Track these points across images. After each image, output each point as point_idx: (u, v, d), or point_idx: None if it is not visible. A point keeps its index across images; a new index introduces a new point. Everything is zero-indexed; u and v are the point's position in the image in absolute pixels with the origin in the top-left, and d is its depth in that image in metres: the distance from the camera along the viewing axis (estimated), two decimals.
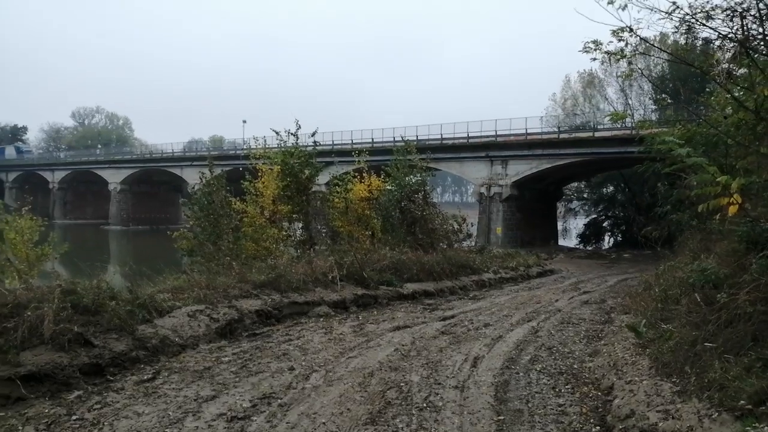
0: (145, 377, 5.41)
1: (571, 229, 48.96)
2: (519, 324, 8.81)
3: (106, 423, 4.32)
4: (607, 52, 6.62)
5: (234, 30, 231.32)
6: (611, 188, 43.70)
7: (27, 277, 8.50)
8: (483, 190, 36.70)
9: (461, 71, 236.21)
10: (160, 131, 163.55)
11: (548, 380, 5.74)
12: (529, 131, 36.44)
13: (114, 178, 69.10)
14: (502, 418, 4.65)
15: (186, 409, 4.64)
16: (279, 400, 4.90)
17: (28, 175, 79.55)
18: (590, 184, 45.77)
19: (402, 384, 5.47)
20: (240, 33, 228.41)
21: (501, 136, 37.45)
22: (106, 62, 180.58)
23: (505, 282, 15.50)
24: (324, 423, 4.43)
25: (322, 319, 8.49)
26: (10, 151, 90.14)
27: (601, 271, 21.99)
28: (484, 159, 37.04)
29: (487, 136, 38.19)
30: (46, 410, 4.52)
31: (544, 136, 36.14)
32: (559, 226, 46.61)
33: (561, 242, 42.66)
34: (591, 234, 43.13)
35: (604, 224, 44.19)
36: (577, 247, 40.72)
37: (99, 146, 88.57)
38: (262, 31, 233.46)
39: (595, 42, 6.56)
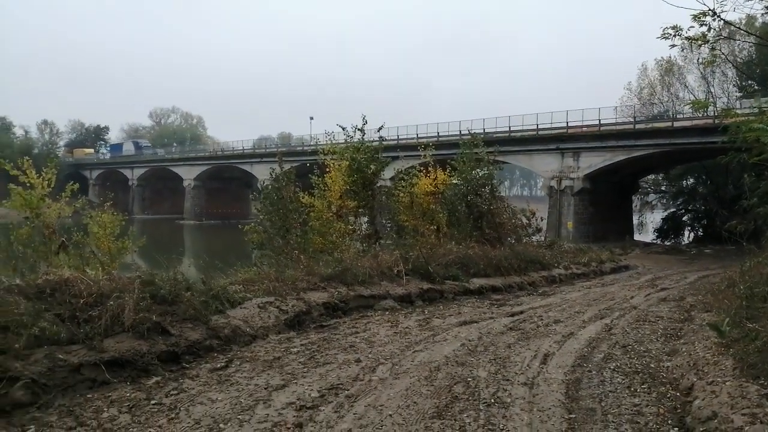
0: (218, 365, 5.57)
1: (648, 223, 47.08)
2: (591, 321, 8.50)
3: (182, 408, 4.48)
4: (688, 38, 6.27)
5: (302, 30, 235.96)
6: (691, 180, 41.64)
7: (109, 269, 8.95)
8: (553, 183, 35.77)
9: (530, 65, 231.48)
10: (231, 129, 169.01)
11: (623, 379, 5.50)
12: (602, 122, 35.17)
13: (188, 174, 72.12)
14: (573, 416, 4.49)
15: (257, 397, 4.74)
16: (346, 391, 4.94)
17: (110, 172, 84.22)
18: (668, 177, 43.77)
19: (469, 379, 5.38)
20: (308, 32, 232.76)
21: (572, 127, 36.33)
22: (181, 64, 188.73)
23: (577, 278, 15.05)
24: (390, 415, 4.42)
25: (387, 313, 8.50)
26: (128, 146, 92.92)
27: (680, 267, 21.00)
28: (555, 151, 36.07)
29: (558, 128, 37.17)
30: (128, 394, 4.73)
31: (619, 127, 34.81)
32: (635, 220, 44.85)
33: (637, 237, 41.02)
34: (669, 228, 41.23)
35: (683, 218, 42.16)
36: (654, 242, 39.04)
37: (174, 144, 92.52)
38: (330, 30, 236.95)
39: (674, 27, 6.23)
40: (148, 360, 5.26)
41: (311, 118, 73.03)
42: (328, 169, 14.13)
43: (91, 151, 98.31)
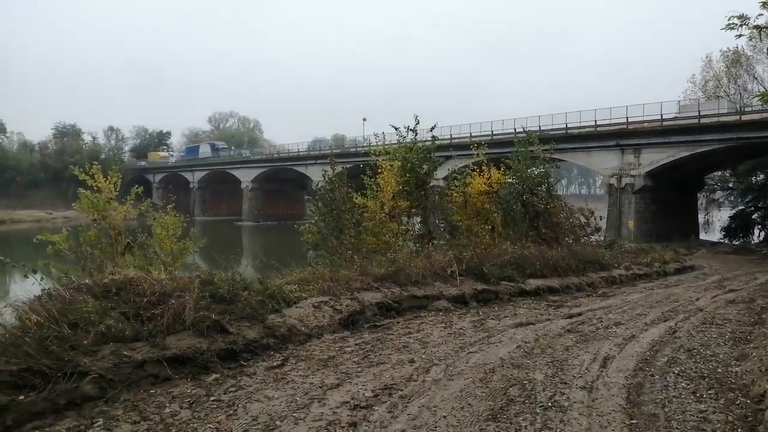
0: (275, 364, 5.68)
1: (714, 222, 45.02)
2: (654, 323, 8.19)
3: (240, 405, 4.59)
4: (757, 27, 5.91)
5: (354, 32, 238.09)
6: (762, 176, 39.38)
7: (171, 269, 9.25)
8: (613, 181, 34.64)
9: (588, 61, 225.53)
10: (286, 132, 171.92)
11: (687, 384, 5.26)
12: (664, 117, 33.78)
13: (245, 177, 73.90)
14: (634, 422, 4.33)
15: (312, 396, 4.80)
16: (400, 392, 4.93)
17: (172, 175, 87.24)
18: (736, 173, 41.61)
19: (525, 381, 5.28)
20: (360, 35, 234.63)
21: (632, 123, 35.05)
22: (238, 69, 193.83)
23: (638, 279, 14.54)
24: (444, 417, 4.39)
25: (441, 313, 8.44)
26: (204, 149, 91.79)
27: (750, 268, 19.94)
28: (614, 148, 34.92)
29: (617, 124, 35.96)
30: (188, 390, 4.88)
31: (682, 122, 33.33)
32: (700, 218, 42.91)
33: (702, 236, 39.20)
34: (737, 227, 39.14)
35: (753, 216, 39.93)
36: (722, 241, 37.21)
37: (232, 148, 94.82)
38: (382, 32, 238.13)
39: (740, 17, 5.88)
40: (207, 357, 5.41)
41: (364, 120, 73.14)
42: (380, 170, 14.16)
43: (165, 154, 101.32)
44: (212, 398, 4.72)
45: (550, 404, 4.68)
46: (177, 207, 12.35)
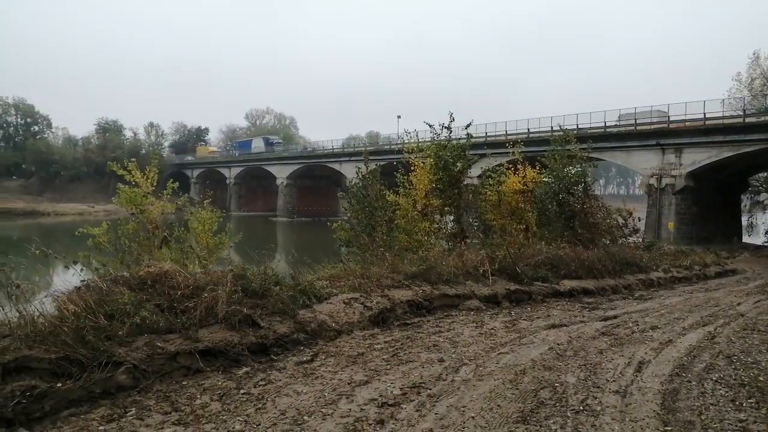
0: (304, 359, 5.71)
1: (759, 224, 43.54)
2: (692, 328, 7.95)
3: (269, 399, 4.62)
4: None
5: (390, 29, 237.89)
6: None
7: (206, 263, 9.40)
8: (652, 181, 33.82)
9: (626, 59, 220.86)
10: (321, 129, 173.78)
11: (726, 392, 5.09)
12: (707, 116, 32.81)
13: (281, 173, 74.73)
14: (669, 428, 4.20)
15: (340, 392, 4.81)
16: (428, 390, 4.90)
17: (209, 171, 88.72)
18: None
19: (556, 384, 5.18)
20: (395, 33, 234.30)
21: (674, 122, 34.16)
22: (274, 67, 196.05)
23: (677, 282, 14.16)
24: (473, 417, 4.34)
25: (472, 313, 8.35)
26: (257, 143, 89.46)
27: None
28: (654, 147, 34.08)
29: (658, 123, 35.09)
30: (219, 383, 4.94)
31: (726, 121, 32.32)
32: (744, 221, 41.56)
33: (746, 239, 38.02)
34: None
35: None
36: (766, 244, 35.97)
37: (217, 149, 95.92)
38: (419, 29, 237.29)
39: None
40: (238, 351, 5.48)
41: (399, 117, 73.78)
42: (413, 168, 14.10)
43: (215, 149, 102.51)
44: (242, 391, 4.77)
45: (581, 408, 4.59)
46: (214, 202, 12.53)
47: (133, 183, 10.66)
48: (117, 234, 10.20)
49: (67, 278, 6.72)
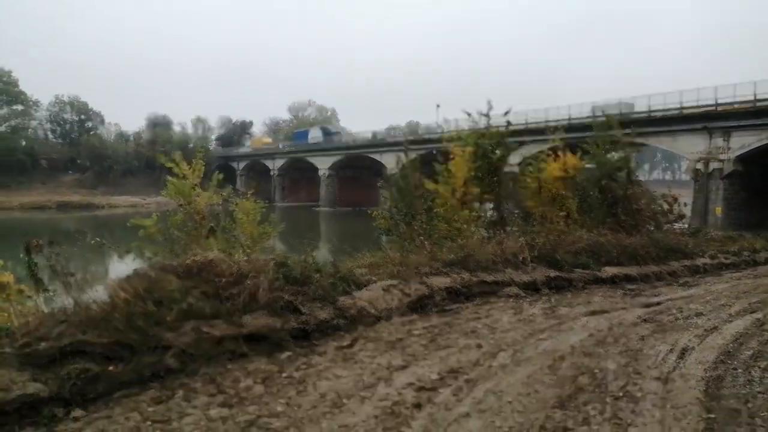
0: (344, 344, 5.84)
1: None
2: (739, 315, 7.75)
3: (310, 382, 4.77)
4: None
5: (434, 17, 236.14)
6: None
7: (250, 252, 9.65)
8: (699, 165, 32.79)
9: (673, 45, 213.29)
10: (362, 119, 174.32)
11: None
12: (758, 97, 31.50)
13: (323, 164, 75.45)
14: (713, 416, 4.16)
15: (379, 376, 4.92)
16: (465, 375, 4.96)
17: (254, 163, 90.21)
18: None
19: (596, 370, 5.16)
20: (439, 20, 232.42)
21: (722, 105, 32.93)
22: (316, 59, 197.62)
23: (725, 268, 13.73)
24: (510, 402, 4.38)
25: (511, 300, 8.34)
26: (315, 134, 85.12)
27: None
28: (701, 131, 32.98)
29: (705, 106, 33.89)
30: (263, 366, 5.12)
31: None
32: None
33: None
34: None
35: None
36: None
37: (271, 141, 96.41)
38: (462, 17, 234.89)
39: None
40: (281, 336, 5.65)
41: (438, 106, 73.44)
42: (452, 156, 14.07)
43: (269, 140, 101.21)
44: (284, 375, 4.93)
45: (621, 394, 4.57)
46: (259, 193, 12.82)
47: (181, 175, 11.00)
48: (167, 225, 10.57)
49: (121, 267, 7.05)
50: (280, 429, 3.90)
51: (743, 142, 31.22)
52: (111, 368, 4.39)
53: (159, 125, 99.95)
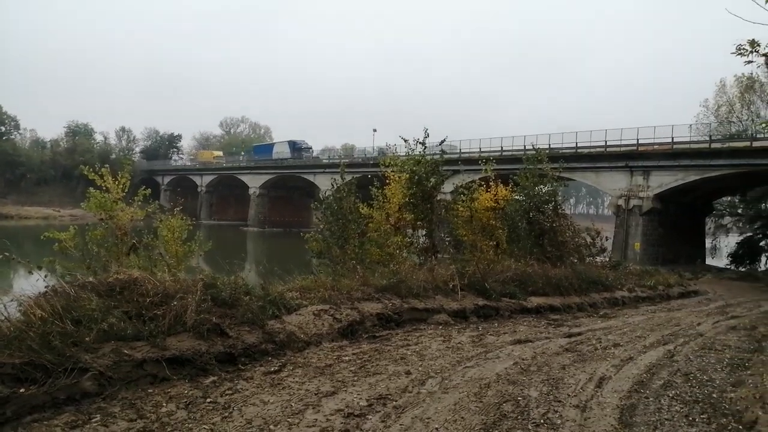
0: (272, 369, 5.73)
1: (722, 247, 44.79)
2: (653, 346, 8.18)
3: (236, 408, 4.64)
4: (766, 55, 5.90)
5: (368, 43, 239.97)
6: None
7: (175, 271, 9.31)
8: (621, 202, 34.60)
9: (600, 84, 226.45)
10: (295, 139, 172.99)
11: (681, 408, 5.27)
12: (675, 140, 33.81)
13: (254, 183, 74.15)
14: None
15: (307, 402, 4.85)
16: (394, 402, 4.97)
17: (180, 178, 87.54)
18: (746, 199, 41.42)
19: (519, 398, 5.31)
20: (375, 47, 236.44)
21: (643, 145, 35.10)
22: (249, 77, 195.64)
23: (641, 301, 14.53)
24: (437, 429, 4.42)
25: (441, 327, 8.46)
26: (280, 148, 75.35)
27: (755, 295, 19.86)
28: (623, 169, 34.91)
29: (627, 145, 36.03)
30: (186, 391, 4.94)
31: (693, 146, 33.37)
32: (708, 243, 42.68)
33: (709, 261, 39.06)
34: (745, 254, 38.99)
35: (760, 243, 39.75)
36: (728, 267, 37.01)
37: (242, 153, 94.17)
38: (399, 45, 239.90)
39: (751, 43, 5.87)
40: (206, 360, 5.48)
41: (374, 131, 73.32)
42: (388, 181, 14.23)
43: (220, 153, 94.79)
44: (209, 400, 4.77)
45: (542, 421, 4.71)
46: (184, 210, 12.40)
47: (104, 188, 10.53)
48: (84, 239, 10.05)
49: (31, 283, 6.62)
50: None
51: (662, 181, 33.28)
52: (22, 390, 4.11)
53: (79, 134, 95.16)
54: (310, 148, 74.68)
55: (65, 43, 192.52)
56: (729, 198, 44.16)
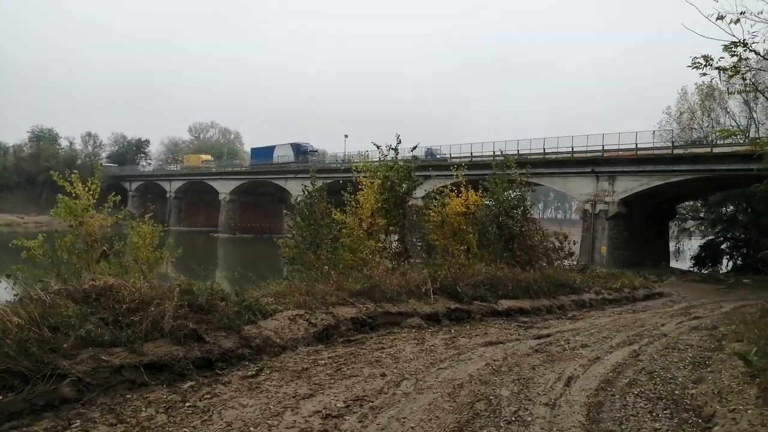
0: (249, 373, 5.80)
1: (685, 250, 46.07)
2: (619, 347, 8.47)
3: (215, 411, 4.71)
4: (719, 68, 6.25)
5: (341, 48, 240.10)
6: (731, 208, 40.51)
7: (149, 278, 9.27)
8: (587, 206, 35.41)
9: (567, 90, 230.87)
10: (266, 144, 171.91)
11: (645, 404, 5.51)
12: (639, 146, 34.80)
13: (224, 188, 73.45)
14: None
15: (285, 405, 4.94)
16: (371, 403, 5.09)
17: (149, 184, 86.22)
18: (707, 203, 42.70)
19: (491, 397, 5.48)
20: (347, 53, 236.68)
21: (608, 151, 36.05)
22: (221, 82, 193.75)
23: (608, 303, 14.89)
24: (413, 428, 4.56)
25: (414, 330, 8.62)
26: (283, 151, 69.61)
27: (717, 297, 20.52)
28: (590, 174, 35.74)
29: (593, 151, 36.93)
30: (164, 396, 4.98)
31: (656, 152, 34.41)
32: (672, 247, 43.86)
33: (673, 264, 40.15)
34: (707, 256, 40.19)
35: (722, 246, 41.06)
36: (691, 270, 38.10)
37: (211, 159, 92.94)
38: (364, 52, 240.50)
39: (705, 57, 6.22)
40: (183, 365, 5.52)
41: (346, 136, 72.93)
42: (360, 187, 14.36)
43: (209, 157, 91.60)
44: (188, 404, 4.83)
45: (513, 419, 4.89)
46: (153, 216, 12.33)
47: (73, 195, 10.41)
48: (54, 247, 9.93)
49: None
50: None
51: (626, 186, 34.18)
52: (0, 398, 4.11)
53: (44, 139, 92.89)
54: (316, 150, 70.29)
55: (27, 47, 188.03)
56: (692, 202, 45.47)
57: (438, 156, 50.74)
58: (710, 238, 42.64)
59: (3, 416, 4.07)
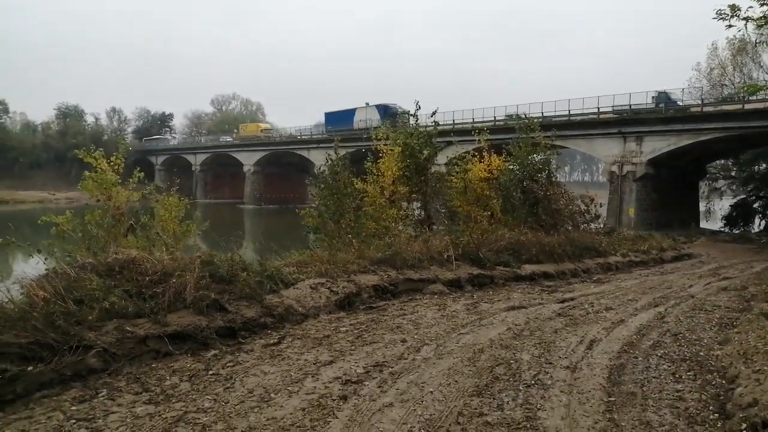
0: (271, 341, 5.90)
1: (716, 210, 45.07)
2: (644, 309, 8.39)
3: (237, 379, 4.81)
4: (747, 18, 5.95)
5: (358, 14, 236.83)
6: (764, 166, 39.33)
7: (173, 250, 9.42)
8: (614, 168, 34.70)
9: (595, 50, 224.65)
10: (290, 115, 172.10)
11: (669, 366, 5.46)
12: (667, 104, 33.79)
13: (248, 160, 73.80)
14: (612, 399, 4.54)
15: (306, 371, 5.02)
16: (390, 369, 5.14)
17: (174, 158, 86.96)
18: (739, 162, 41.53)
19: (512, 361, 5.49)
20: (364, 17, 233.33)
21: (635, 110, 35.06)
22: (240, 54, 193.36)
23: (635, 266, 14.75)
24: (431, 392, 4.60)
25: (436, 296, 8.65)
26: (365, 115, 58.95)
27: (748, 257, 20.10)
28: (616, 135, 34.91)
29: (620, 111, 35.95)
30: (188, 365, 5.10)
31: (685, 110, 33.36)
32: (702, 207, 42.89)
33: (703, 225, 39.27)
34: (738, 216, 39.16)
35: (754, 206, 39.94)
36: (722, 230, 37.28)
37: (235, 130, 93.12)
38: (385, 18, 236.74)
39: (732, 7, 5.91)
40: (207, 334, 5.63)
41: (367, 104, 72.55)
42: (381, 155, 14.28)
43: (268, 126, 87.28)
44: (211, 372, 4.94)
45: (533, 382, 4.89)
46: (179, 190, 12.45)
47: (99, 170, 10.56)
48: (83, 221, 10.13)
49: (30, 267, 6.75)
50: (208, 424, 3.92)
51: (654, 146, 33.31)
52: (30, 369, 4.26)
53: (70, 116, 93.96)
54: (407, 111, 62.33)
55: (51, 24, 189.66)
56: (722, 161, 44.29)
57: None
58: (742, 197, 41.56)
59: (33, 386, 4.22)
